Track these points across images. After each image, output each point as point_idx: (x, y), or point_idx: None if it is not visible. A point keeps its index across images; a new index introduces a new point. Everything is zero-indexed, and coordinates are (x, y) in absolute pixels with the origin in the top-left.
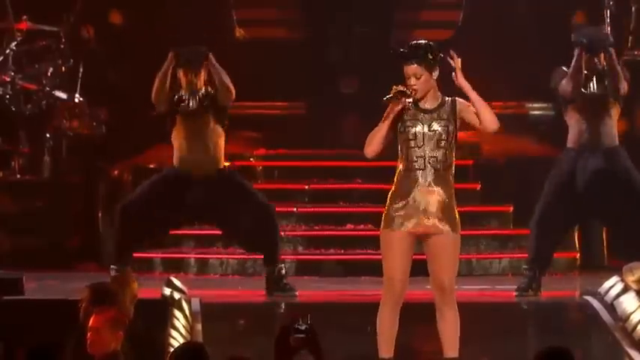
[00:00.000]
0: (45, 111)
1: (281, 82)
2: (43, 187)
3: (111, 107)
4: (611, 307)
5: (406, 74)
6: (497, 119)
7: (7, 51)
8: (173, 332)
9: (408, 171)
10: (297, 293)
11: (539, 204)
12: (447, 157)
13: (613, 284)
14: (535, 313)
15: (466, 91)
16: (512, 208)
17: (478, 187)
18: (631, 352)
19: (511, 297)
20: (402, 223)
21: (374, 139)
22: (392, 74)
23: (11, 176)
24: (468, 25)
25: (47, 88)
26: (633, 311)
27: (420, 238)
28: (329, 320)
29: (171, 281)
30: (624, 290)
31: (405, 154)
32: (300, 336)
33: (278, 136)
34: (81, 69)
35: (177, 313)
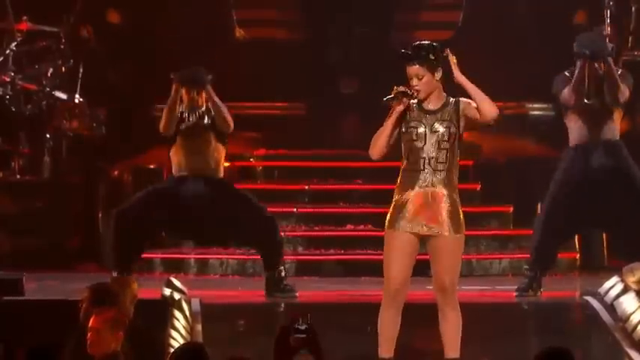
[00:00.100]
0: (45, 111)
1: (281, 83)
2: (43, 188)
3: (111, 108)
4: (611, 308)
5: (408, 75)
6: (495, 107)
7: (7, 51)
8: (173, 333)
9: (410, 171)
10: (297, 294)
11: (545, 205)
12: (450, 157)
13: (613, 284)
14: (535, 313)
15: (463, 84)
16: (512, 209)
17: (478, 187)
18: (631, 353)
19: (511, 297)
20: (404, 224)
21: (378, 141)
22: (392, 75)
23: (11, 177)
24: (467, 25)
25: (47, 89)
26: (633, 312)
27: (423, 238)
28: (329, 320)
29: (171, 282)
30: (624, 291)
31: (407, 154)
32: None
33: (278, 137)
34: (81, 69)
35: (178, 314)
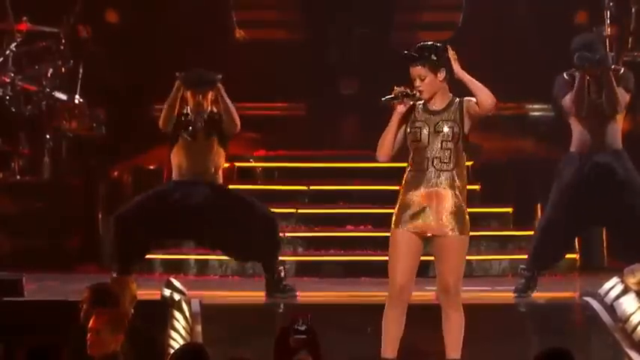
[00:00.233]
0: (45, 112)
1: (281, 83)
2: (43, 189)
3: (110, 108)
4: (611, 309)
5: (412, 76)
6: (492, 97)
7: (7, 52)
8: (173, 333)
9: (415, 172)
10: (298, 294)
11: (546, 210)
12: (454, 157)
13: (613, 285)
14: (535, 314)
15: (461, 77)
16: (512, 209)
17: (478, 187)
18: (631, 354)
19: (511, 298)
20: (408, 224)
21: (384, 143)
22: (392, 75)
23: (11, 177)
24: (467, 26)
25: (47, 90)
26: (633, 312)
27: (427, 238)
28: (329, 321)
29: (171, 282)
30: (624, 291)
31: (412, 154)
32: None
33: (278, 137)
34: (81, 70)
35: (177, 314)
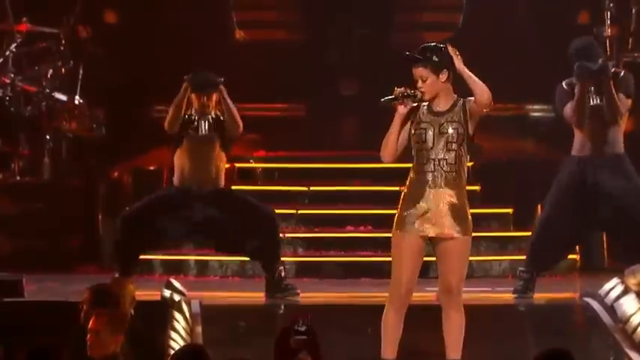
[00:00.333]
0: (45, 113)
1: (281, 84)
2: (43, 189)
3: (111, 109)
4: (611, 309)
5: (414, 77)
6: (488, 91)
7: (7, 53)
8: (173, 334)
9: (419, 173)
10: (299, 292)
11: (543, 211)
12: (458, 159)
13: (613, 286)
14: (535, 315)
15: (461, 71)
16: (512, 210)
17: (478, 188)
18: (631, 354)
19: (512, 299)
20: (412, 226)
21: (387, 144)
22: (392, 76)
23: (11, 178)
24: (467, 26)
25: (47, 90)
26: (633, 313)
27: (430, 239)
28: (329, 322)
29: (171, 283)
30: (624, 292)
31: (416, 155)
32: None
33: (278, 138)
34: (81, 71)
35: (177, 315)
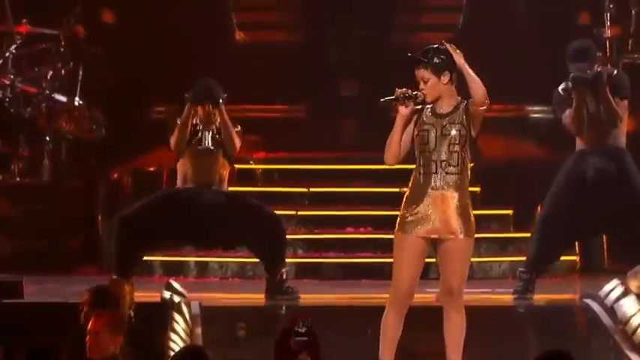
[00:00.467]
0: (45, 114)
1: (281, 85)
2: (43, 191)
3: (110, 110)
4: (611, 310)
5: (417, 78)
6: (483, 89)
7: (7, 54)
8: (173, 336)
9: (421, 175)
10: (300, 296)
11: (542, 210)
12: (460, 160)
13: (613, 287)
14: (535, 316)
15: (461, 67)
16: (512, 211)
17: (478, 190)
18: (631, 356)
19: (512, 300)
20: (414, 227)
21: (390, 146)
22: (392, 77)
23: (11, 179)
24: (468, 27)
25: (47, 92)
26: (633, 314)
27: (433, 241)
28: (329, 323)
29: (170, 284)
30: (624, 293)
31: (419, 157)
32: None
33: (278, 139)
34: (80, 72)
35: (177, 317)
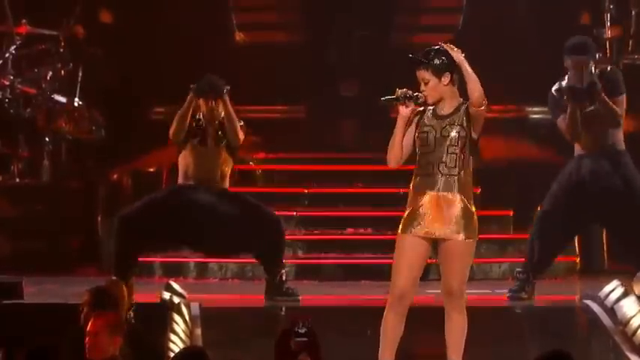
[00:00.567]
0: (44, 115)
1: (281, 86)
2: (43, 191)
3: (110, 111)
4: (611, 311)
5: (418, 79)
6: (480, 88)
7: (7, 55)
8: (173, 337)
9: (422, 176)
10: (300, 297)
11: (540, 210)
12: (460, 162)
13: (613, 288)
14: (535, 316)
15: (460, 64)
16: (512, 212)
17: (478, 191)
18: (631, 357)
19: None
20: (414, 228)
21: (392, 148)
22: (392, 77)
23: (10, 180)
24: (468, 28)
25: (46, 92)
26: (633, 315)
27: (434, 242)
28: (328, 324)
29: (170, 285)
30: (624, 294)
31: (419, 159)
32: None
33: (278, 140)
34: (80, 73)
35: (177, 318)
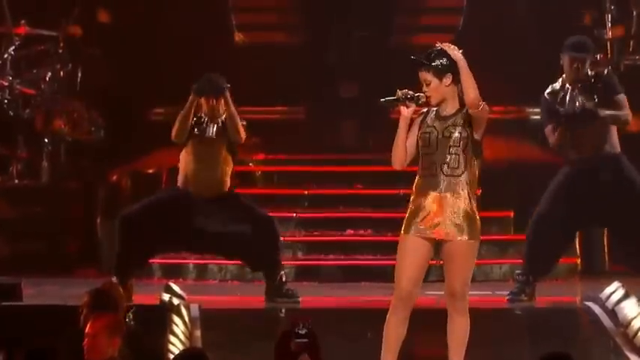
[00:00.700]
0: (43, 116)
1: (280, 87)
2: (42, 192)
3: (109, 112)
4: (612, 313)
5: (420, 80)
6: (475, 90)
7: (6, 55)
8: (172, 338)
9: (425, 177)
10: (300, 299)
11: (537, 211)
12: (462, 162)
13: (614, 290)
14: (536, 318)
15: (457, 61)
16: (512, 214)
17: (479, 192)
18: (632, 358)
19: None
20: (417, 229)
21: (395, 149)
22: (391, 78)
23: (9, 181)
24: (468, 29)
25: (45, 93)
26: (634, 317)
27: (437, 244)
28: (328, 326)
29: (170, 287)
30: (625, 296)
31: (422, 160)
32: (300, 340)
33: (277, 141)
34: (79, 73)
35: (176, 319)
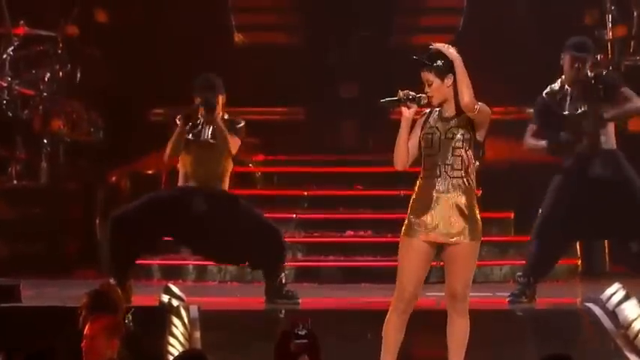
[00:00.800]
0: (42, 116)
1: (280, 88)
2: (41, 194)
3: (108, 113)
4: (612, 314)
5: (422, 81)
6: (468, 93)
7: (4, 56)
8: (171, 340)
9: (425, 178)
10: (300, 300)
11: (540, 213)
12: (465, 164)
13: (615, 291)
14: (537, 319)
15: (453, 60)
16: (513, 215)
17: (479, 193)
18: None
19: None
20: (418, 231)
21: (397, 150)
22: (392, 78)
23: (8, 182)
24: (468, 29)
25: (44, 94)
26: (635, 318)
27: (439, 245)
28: (328, 327)
29: (169, 288)
30: (626, 297)
31: (424, 161)
32: (300, 341)
33: (277, 142)
34: (78, 74)
35: (176, 321)
